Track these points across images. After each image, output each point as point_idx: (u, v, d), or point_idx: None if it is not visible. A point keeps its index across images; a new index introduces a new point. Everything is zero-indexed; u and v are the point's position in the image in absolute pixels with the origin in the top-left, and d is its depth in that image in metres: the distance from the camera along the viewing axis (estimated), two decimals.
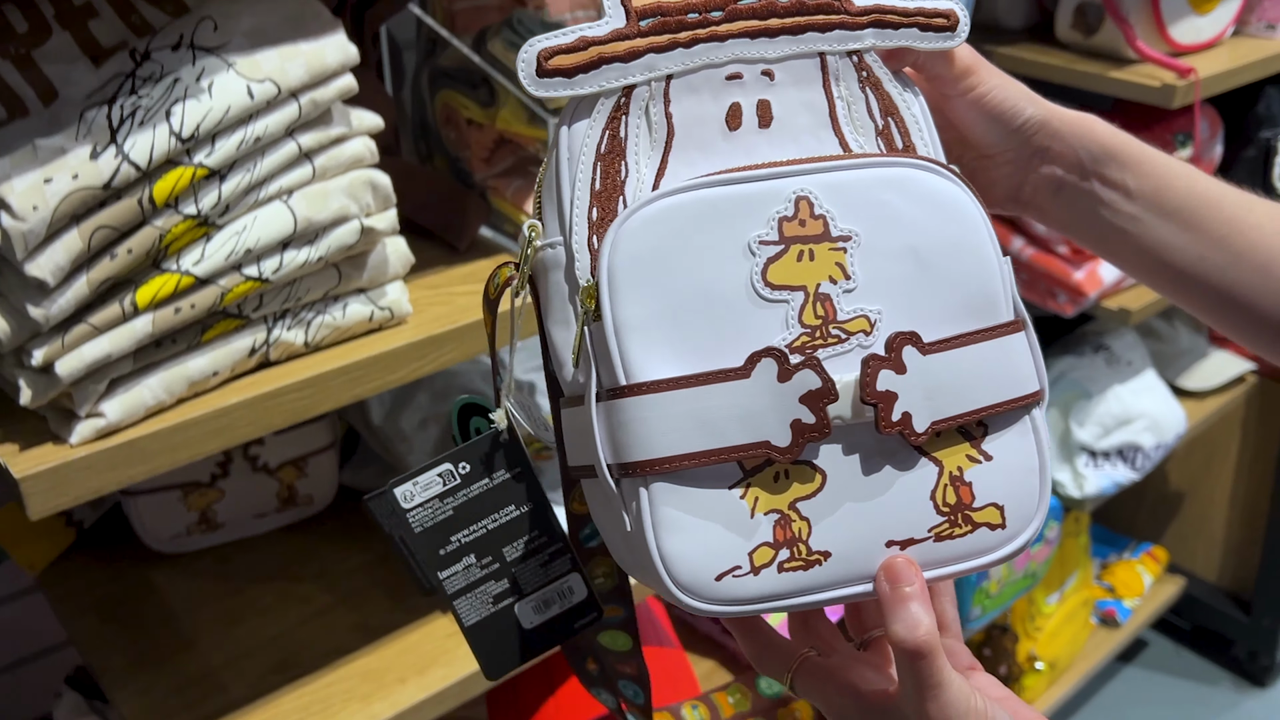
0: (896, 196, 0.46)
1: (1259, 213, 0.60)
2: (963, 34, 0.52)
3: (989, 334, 0.47)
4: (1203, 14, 1.54)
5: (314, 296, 0.74)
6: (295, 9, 0.69)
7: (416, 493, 0.55)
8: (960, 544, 0.46)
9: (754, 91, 0.48)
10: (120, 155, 0.61)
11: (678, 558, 0.43)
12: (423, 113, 0.98)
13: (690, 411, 0.43)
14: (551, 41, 0.45)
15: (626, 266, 0.43)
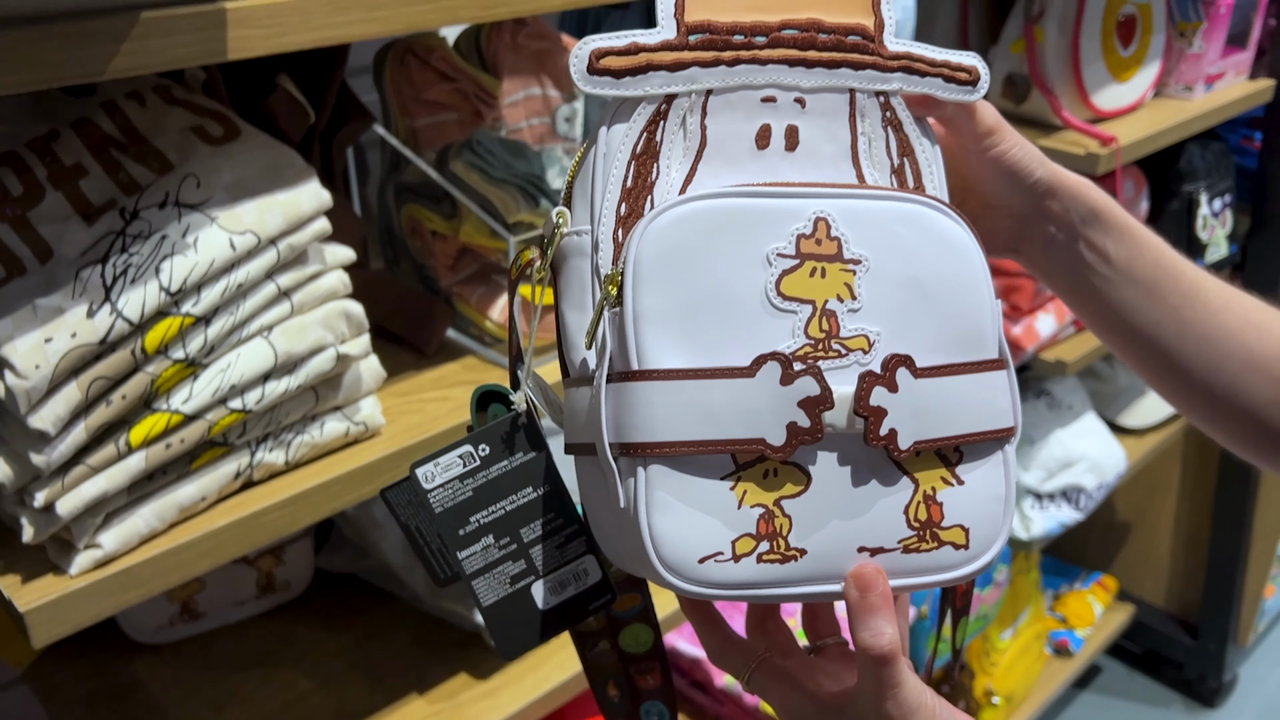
0: (907, 229, 0.50)
1: (1209, 290, 0.68)
2: (983, 89, 0.56)
3: (976, 367, 0.50)
4: (1123, 81, 1.63)
5: (293, 419, 0.79)
6: (271, 160, 0.74)
7: (437, 474, 0.56)
8: (925, 558, 0.50)
9: (785, 116, 0.51)
10: (114, 312, 0.66)
11: (666, 537, 0.46)
12: (389, 221, 1.04)
13: (694, 401, 0.46)
14: (604, 43, 0.49)
15: (652, 260, 0.46)
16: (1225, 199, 1.87)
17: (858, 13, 0.53)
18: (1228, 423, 0.71)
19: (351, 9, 0.69)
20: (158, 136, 0.74)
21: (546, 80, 1.08)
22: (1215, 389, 0.69)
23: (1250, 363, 0.68)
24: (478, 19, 0.76)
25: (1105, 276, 0.66)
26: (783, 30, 0.51)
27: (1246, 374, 0.68)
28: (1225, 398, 0.69)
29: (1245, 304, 0.69)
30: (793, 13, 0.51)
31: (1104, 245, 0.65)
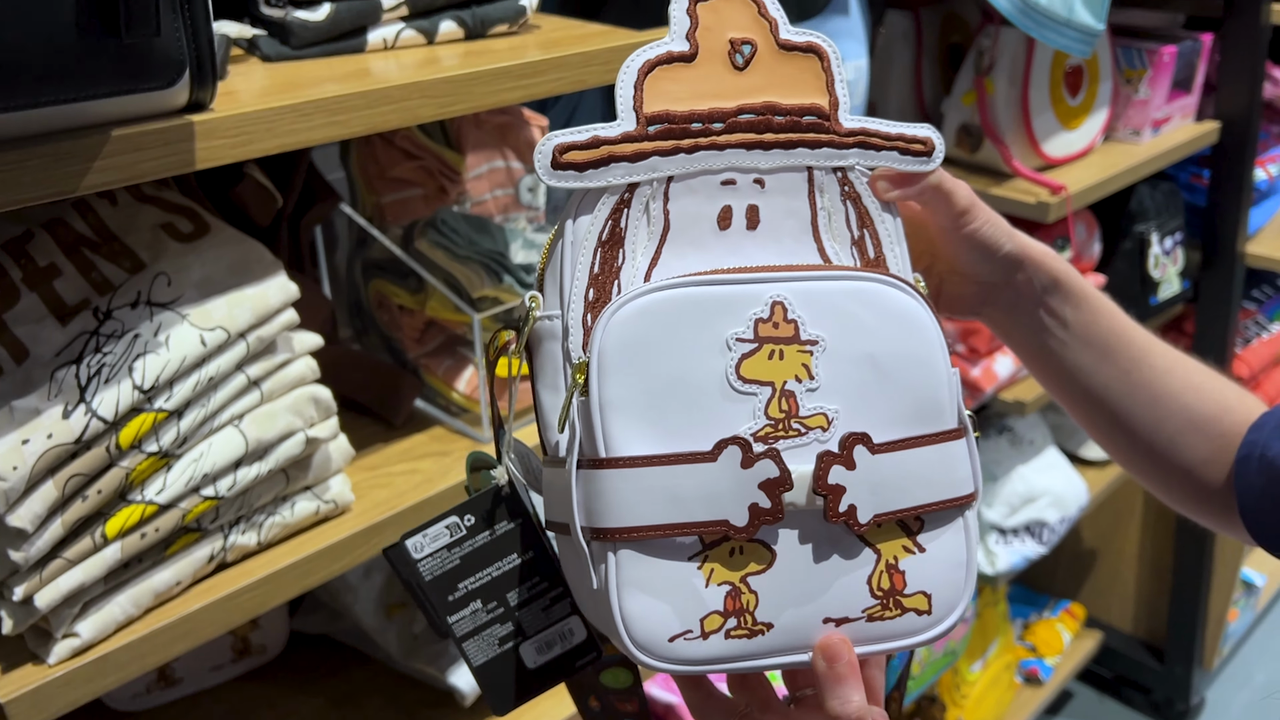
0: (862, 308, 0.51)
1: (1156, 354, 0.72)
2: (938, 159, 0.58)
3: (933, 439, 0.52)
4: (1072, 129, 1.68)
5: (265, 501, 0.81)
6: (240, 256, 0.77)
7: (426, 544, 0.59)
8: (889, 625, 0.51)
9: (745, 196, 0.53)
10: (89, 412, 0.69)
11: (636, 618, 0.48)
12: (357, 295, 1.07)
13: (660, 487, 0.47)
14: (566, 137, 0.51)
15: (615, 350, 0.48)
16: (1176, 237, 1.92)
17: (812, 93, 0.55)
18: (1166, 478, 0.75)
19: (314, 115, 0.72)
20: (129, 235, 0.77)
21: (509, 153, 1.11)
22: (1156, 446, 0.73)
23: (1190, 422, 0.73)
24: (438, 116, 0.79)
25: (1062, 340, 0.70)
26: (739, 115, 0.53)
27: (1185, 433, 0.73)
28: (1165, 455, 0.73)
29: (1187, 367, 0.74)
30: (749, 98, 0.53)
31: (1063, 311, 0.69)
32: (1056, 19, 1.41)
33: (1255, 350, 2.15)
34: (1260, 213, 2.09)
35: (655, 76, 0.52)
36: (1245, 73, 1.86)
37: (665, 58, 0.53)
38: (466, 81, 0.80)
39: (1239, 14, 1.83)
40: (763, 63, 0.54)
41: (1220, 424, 0.72)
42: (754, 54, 0.54)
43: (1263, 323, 2.26)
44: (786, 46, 0.54)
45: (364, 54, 0.87)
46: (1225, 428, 0.73)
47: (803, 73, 0.55)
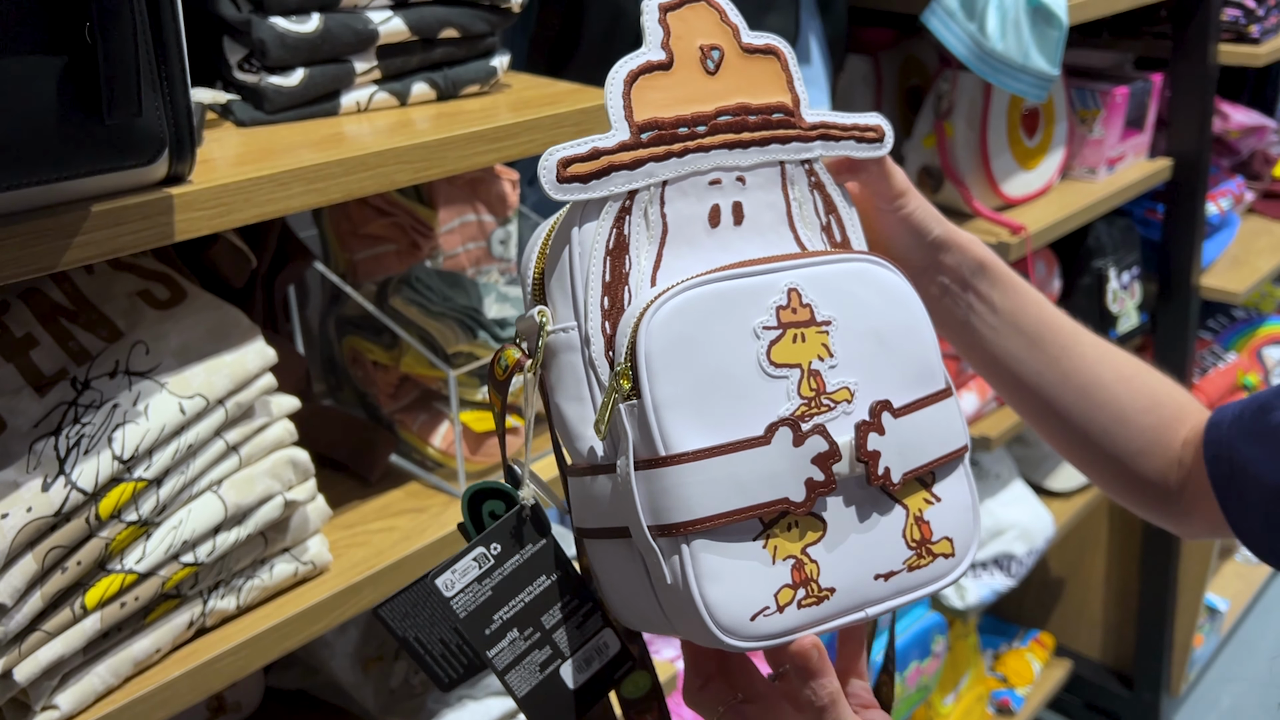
0: (859, 287, 0.55)
1: (1086, 344, 0.75)
2: (888, 145, 0.62)
3: (934, 399, 0.57)
4: (1030, 169, 1.72)
5: (243, 564, 0.81)
6: (217, 321, 0.78)
7: (456, 580, 0.58)
8: (925, 572, 0.56)
9: (730, 194, 0.57)
10: (69, 484, 0.69)
11: (718, 604, 0.50)
12: (330, 351, 1.07)
13: (723, 476, 0.50)
14: (568, 151, 0.53)
15: (660, 352, 0.50)
16: (1133, 271, 1.96)
17: (777, 92, 0.58)
18: (1101, 467, 0.78)
19: (292, 184, 0.73)
20: (106, 303, 0.77)
21: (481, 206, 1.12)
22: (1090, 436, 0.76)
23: (1119, 414, 0.75)
24: (414, 181, 0.80)
25: (992, 326, 0.73)
26: (719, 117, 0.56)
27: (1116, 426, 0.75)
28: (1098, 444, 0.76)
29: (1118, 359, 0.76)
30: (723, 100, 0.57)
31: (990, 296, 0.72)
32: (1012, 64, 1.45)
33: (1212, 380, 2.20)
34: (1213, 245, 2.14)
35: (639, 86, 0.55)
36: (1195, 111, 1.91)
37: (645, 67, 0.55)
38: (441, 146, 0.81)
39: (1188, 54, 1.88)
40: (731, 66, 0.57)
41: (1151, 416, 0.75)
42: (723, 58, 0.57)
43: (1219, 352, 2.31)
44: (749, 49, 0.58)
45: (337, 117, 0.88)
46: (1156, 420, 0.75)
47: (766, 73, 0.58)
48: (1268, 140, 2.47)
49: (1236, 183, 2.25)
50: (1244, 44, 1.98)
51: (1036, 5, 1.42)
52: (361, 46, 0.87)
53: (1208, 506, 0.76)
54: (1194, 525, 0.79)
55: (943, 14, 1.45)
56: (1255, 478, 0.71)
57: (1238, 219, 2.28)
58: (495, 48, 0.96)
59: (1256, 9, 1.97)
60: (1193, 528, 0.79)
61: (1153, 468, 0.76)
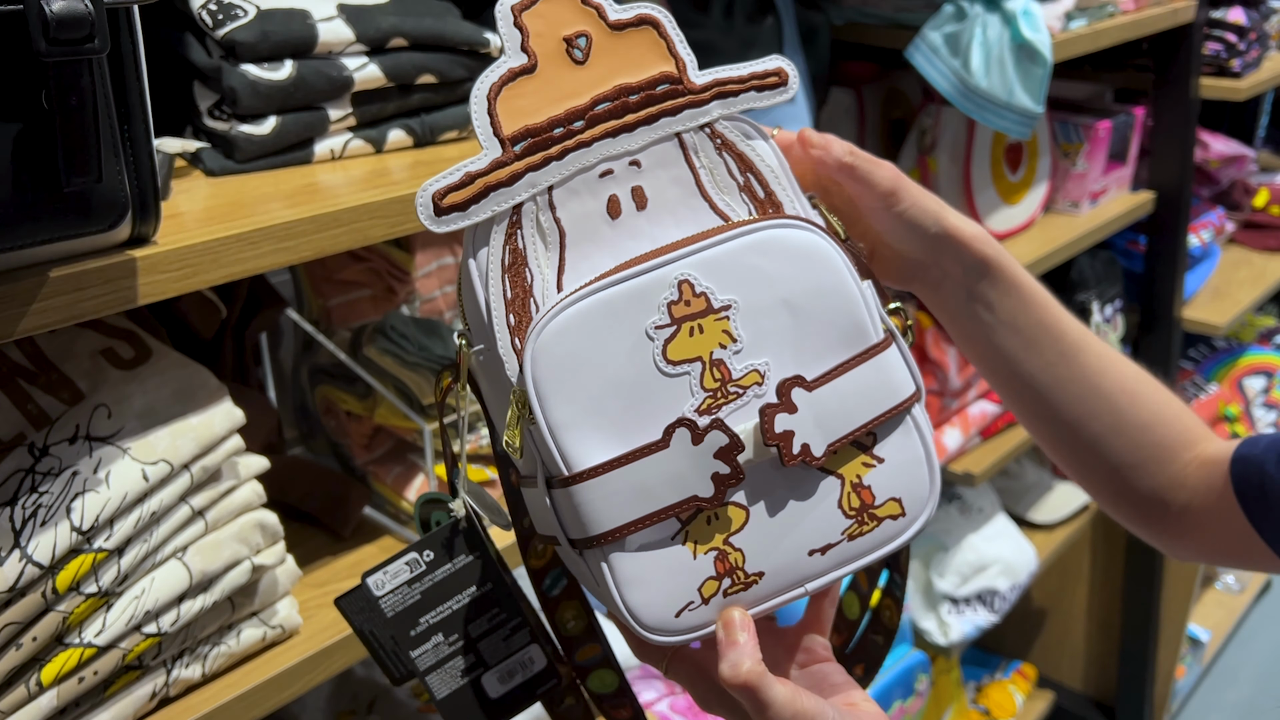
0: (762, 259, 0.52)
1: (1090, 352, 0.72)
2: (793, 87, 0.58)
3: (862, 358, 0.53)
4: (1014, 204, 1.71)
5: (209, 631, 0.78)
6: (183, 381, 0.75)
7: (386, 581, 0.61)
8: (870, 538, 0.54)
9: (626, 181, 0.54)
10: (24, 558, 0.66)
11: (641, 607, 0.51)
12: (303, 399, 1.04)
13: (627, 486, 0.50)
14: (442, 182, 0.51)
15: (547, 375, 0.49)
16: (1116, 304, 1.96)
17: (658, 63, 0.55)
18: (1090, 474, 0.76)
19: (262, 242, 0.71)
20: (67, 362, 0.74)
21: (458, 248, 1.10)
22: (1081, 441, 0.73)
23: (1116, 426, 0.73)
24: (389, 236, 0.78)
25: (989, 324, 0.70)
26: (596, 106, 0.54)
27: (1111, 435, 0.73)
28: (1090, 451, 0.74)
29: (1124, 371, 0.73)
30: (599, 87, 0.54)
31: (989, 295, 0.69)
32: (996, 101, 1.44)
33: (1194, 410, 2.19)
34: (1194, 277, 2.14)
35: (505, 97, 0.53)
36: (1177, 144, 1.91)
37: (507, 76, 0.53)
38: None
39: (1170, 88, 1.88)
40: (601, 49, 0.54)
41: (1152, 433, 0.73)
42: (590, 44, 0.54)
43: (1200, 383, 2.31)
44: (618, 26, 0.55)
45: (311, 165, 0.86)
46: (1156, 438, 0.73)
47: (642, 46, 0.55)
48: (1247, 170, 2.48)
49: (1217, 214, 2.26)
50: (1225, 78, 1.98)
51: (1021, 42, 1.41)
52: (336, 93, 0.85)
53: (1211, 530, 0.74)
54: (1186, 547, 0.77)
55: (927, 50, 1.44)
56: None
57: (1219, 250, 2.29)
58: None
59: (1238, 43, 1.97)
60: (1184, 549, 0.78)
61: (1148, 484, 0.74)
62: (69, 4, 0.52)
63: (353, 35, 0.85)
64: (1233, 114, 2.67)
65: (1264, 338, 2.58)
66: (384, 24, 0.86)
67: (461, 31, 0.89)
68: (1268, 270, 2.35)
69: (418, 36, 0.88)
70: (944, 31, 1.43)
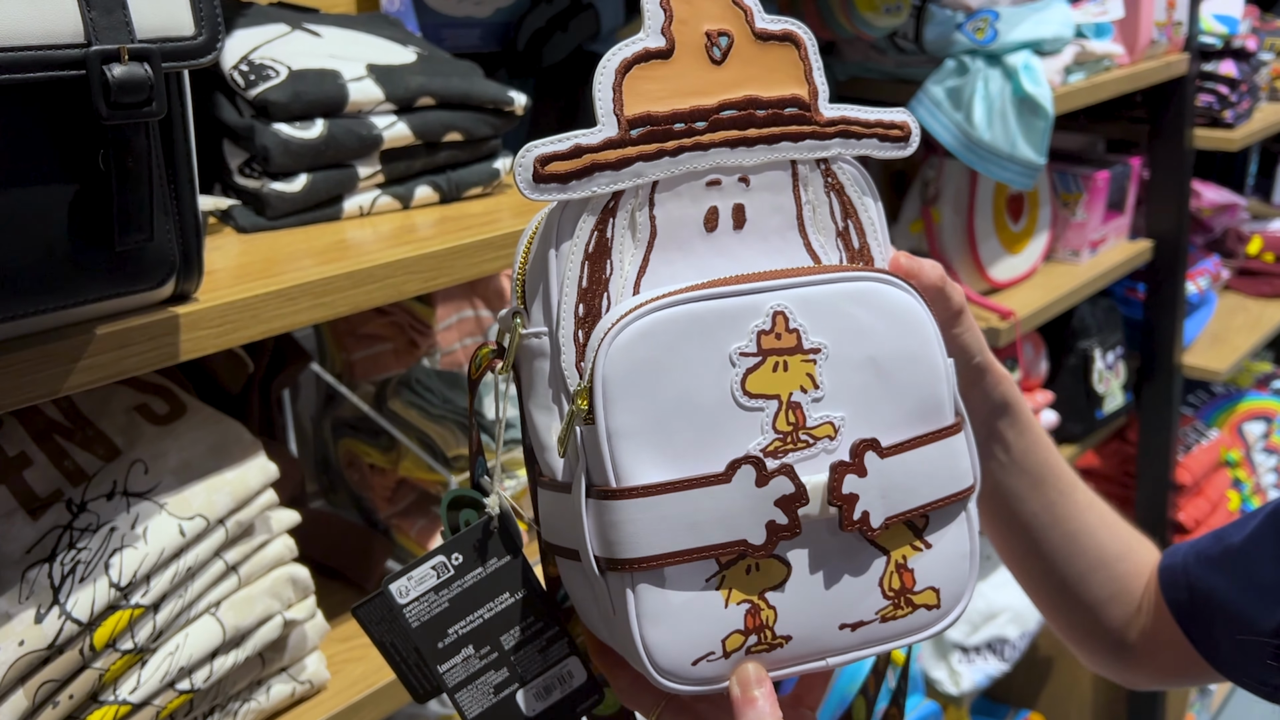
0: (860, 310, 0.50)
1: (1079, 489, 0.74)
2: (914, 143, 0.56)
3: (936, 436, 0.51)
4: (1016, 253, 1.73)
5: (240, 687, 0.78)
6: (218, 437, 0.75)
7: (411, 587, 0.55)
8: (901, 624, 0.52)
9: (731, 196, 0.52)
10: (63, 615, 0.66)
11: (659, 646, 0.47)
12: (325, 452, 1.05)
13: (676, 514, 0.46)
14: (548, 148, 0.48)
15: (619, 377, 0.46)
16: (1117, 351, 1.97)
17: (792, 84, 0.53)
18: (1070, 615, 0.77)
19: (299, 298, 0.72)
20: (103, 419, 0.75)
21: (478, 302, 1.11)
22: (1068, 581, 0.75)
23: (1100, 559, 0.75)
24: (422, 291, 0.79)
25: (1003, 463, 0.71)
26: (721, 111, 0.51)
27: (1094, 570, 0.75)
28: (1074, 590, 0.75)
29: (1101, 505, 0.76)
30: (729, 92, 0.51)
31: (1009, 435, 0.70)
32: (999, 154, 1.46)
33: (1196, 457, 2.20)
34: (1193, 324, 2.16)
35: (633, 76, 0.50)
36: (1173, 194, 1.94)
37: (642, 55, 0.50)
38: (449, 256, 0.80)
39: (1165, 139, 1.91)
40: (740, 54, 0.52)
41: (1124, 563, 0.75)
42: (731, 45, 0.52)
43: (1201, 429, 2.32)
44: (763, 35, 0.52)
45: (340, 221, 0.87)
46: (1127, 568, 0.76)
47: (781, 62, 0.53)
48: (1239, 218, 2.52)
49: (1213, 261, 2.29)
50: (1219, 129, 2.02)
51: (1023, 96, 1.44)
52: (365, 151, 0.87)
53: (1163, 654, 0.76)
54: (1141, 673, 0.79)
55: (930, 104, 1.47)
56: (1221, 606, 0.72)
57: (1215, 297, 2.31)
58: (498, 150, 0.95)
59: (1230, 95, 2.01)
60: (1140, 676, 0.80)
61: (1117, 616, 0.77)
62: (130, 69, 0.53)
63: (382, 95, 0.86)
64: (1222, 163, 2.71)
65: (1261, 383, 2.60)
66: (412, 83, 0.88)
67: (487, 90, 0.91)
68: (1264, 316, 2.38)
69: (445, 95, 0.89)
70: (946, 86, 1.46)
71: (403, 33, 1.01)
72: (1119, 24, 1.68)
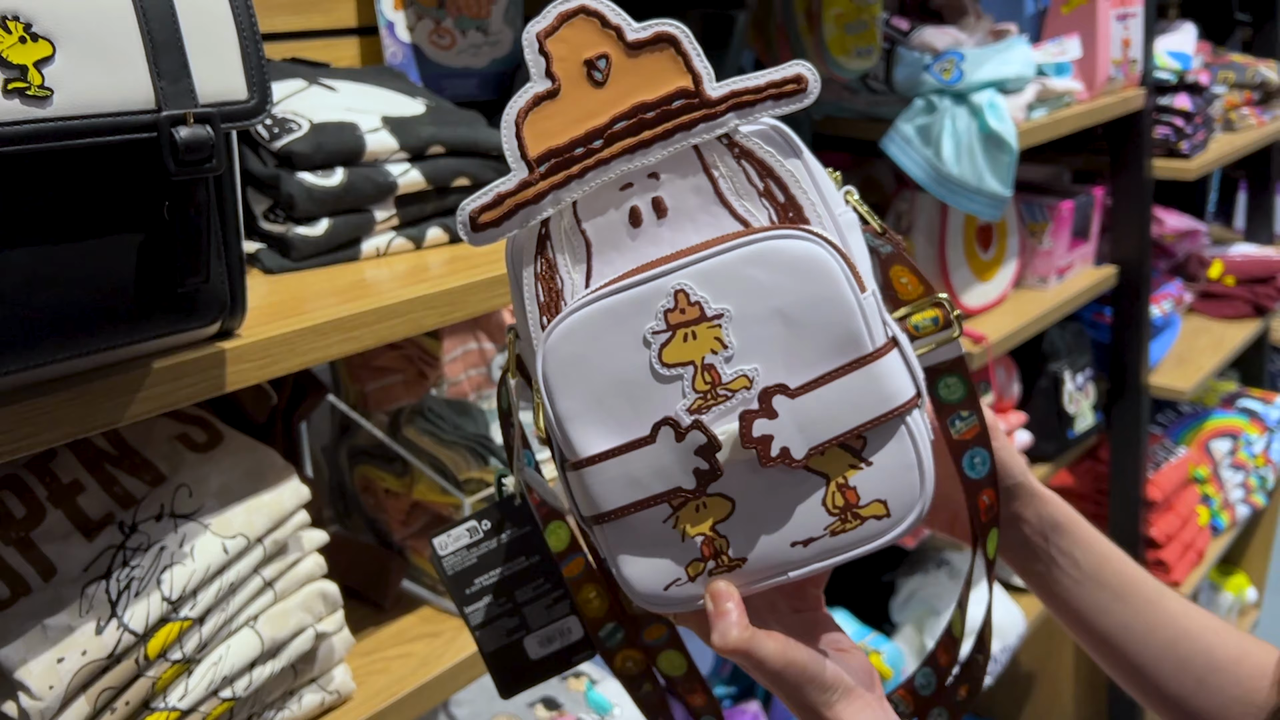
0: (757, 270, 0.55)
1: (1169, 595, 0.75)
2: (814, 93, 0.57)
3: (852, 366, 0.56)
4: (986, 281, 1.81)
5: (274, 697, 0.84)
6: (254, 463, 0.82)
7: (449, 543, 0.69)
8: (852, 535, 0.57)
9: (646, 192, 0.58)
10: (121, 626, 0.72)
11: (634, 579, 0.57)
12: (340, 478, 1.11)
13: (621, 474, 0.56)
14: (477, 202, 0.56)
15: (555, 370, 0.56)
16: (1086, 373, 2.06)
17: (674, 79, 0.57)
18: None
19: (331, 333, 0.78)
20: (146, 447, 0.81)
21: (482, 335, 1.18)
22: (1184, 690, 0.74)
23: (1212, 664, 0.74)
24: (439, 325, 0.85)
25: (1076, 580, 0.73)
26: (613, 125, 0.57)
27: (1210, 674, 0.74)
28: (1192, 699, 0.74)
29: (1198, 610, 0.76)
30: (617, 106, 0.57)
31: (1072, 553, 0.72)
32: (967, 186, 1.54)
33: (1165, 474, 2.28)
34: (1158, 345, 2.25)
35: (531, 120, 0.57)
36: (1135, 221, 2.03)
37: (533, 101, 0.57)
38: (464, 292, 0.86)
39: (1125, 169, 2.01)
40: (620, 69, 0.57)
41: (1242, 666, 0.74)
42: (610, 65, 0.57)
43: (1169, 447, 2.40)
44: (636, 45, 0.57)
45: (358, 262, 0.94)
46: (1249, 670, 0.74)
47: (660, 63, 0.57)
48: (1200, 243, 2.62)
49: (1176, 285, 2.38)
50: (1176, 159, 2.11)
51: (988, 132, 1.52)
52: (381, 197, 0.93)
53: None
54: None
55: (901, 141, 1.55)
56: None
57: (1179, 319, 2.40)
58: None
59: (1185, 127, 2.11)
60: None
61: (1245, 717, 0.74)
62: (194, 131, 0.60)
63: (396, 144, 0.93)
64: (1183, 191, 2.82)
65: (1227, 401, 2.70)
66: (424, 134, 0.95)
67: (492, 138, 0.98)
68: (1226, 337, 2.47)
69: (454, 144, 0.97)
70: (916, 124, 1.54)
71: (409, 85, 1.08)
72: (1077, 63, 1.77)
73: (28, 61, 0.55)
